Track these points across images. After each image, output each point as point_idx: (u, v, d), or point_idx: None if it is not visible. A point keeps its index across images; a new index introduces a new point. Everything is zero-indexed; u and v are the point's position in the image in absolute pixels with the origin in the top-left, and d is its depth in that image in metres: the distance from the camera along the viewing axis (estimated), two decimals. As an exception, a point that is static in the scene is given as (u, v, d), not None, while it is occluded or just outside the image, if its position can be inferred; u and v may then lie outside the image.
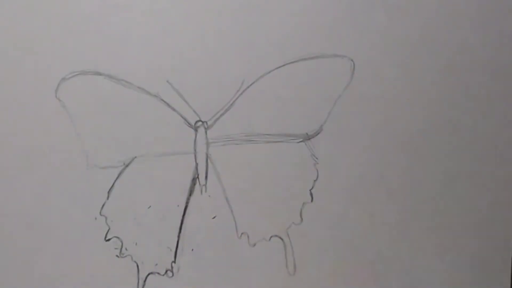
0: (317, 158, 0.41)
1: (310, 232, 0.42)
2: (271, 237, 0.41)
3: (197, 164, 0.40)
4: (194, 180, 0.40)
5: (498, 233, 0.43)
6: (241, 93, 0.39)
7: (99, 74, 0.38)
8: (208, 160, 0.40)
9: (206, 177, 0.40)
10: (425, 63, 0.41)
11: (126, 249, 0.40)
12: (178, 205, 0.40)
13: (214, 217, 0.41)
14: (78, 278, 0.40)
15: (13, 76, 0.37)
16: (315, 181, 0.41)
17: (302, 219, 0.42)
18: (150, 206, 0.40)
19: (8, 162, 0.38)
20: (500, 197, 0.42)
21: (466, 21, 0.40)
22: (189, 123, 0.39)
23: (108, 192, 0.39)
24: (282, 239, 0.42)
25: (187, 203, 0.40)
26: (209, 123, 0.40)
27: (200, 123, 0.40)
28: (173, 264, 0.41)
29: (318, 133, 0.41)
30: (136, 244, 0.40)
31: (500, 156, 0.42)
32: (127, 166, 0.39)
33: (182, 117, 0.39)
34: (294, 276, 0.42)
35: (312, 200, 0.42)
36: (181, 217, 0.40)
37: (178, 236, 0.41)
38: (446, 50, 0.41)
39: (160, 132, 0.39)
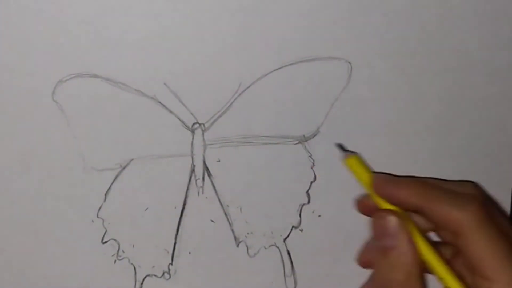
0: (314, 160, 0.41)
1: (307, 233, 0.42)
2: (270, 245, 0.42)
3: (194, 166, 0.40)
4: (191, 182, 0.40)
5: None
6: (239, 95, 0.39)
7: (96, 76, 0.37)
8: (205, 162, 0.40)
9: (203, 179, 0.40)
10: (422, 65, 0.41)
11: (123, 252, 0.40)
12: (175, 207, 0.40)
13: (212, 221, 0.41)
14: (75, 281, 0.40)
15: (9, 79, 0.37)
16: (312, 182, 0.42)
17: (300, 220, 0.42)
18: (147, 208, 0.40)
19: (4, 164, 0.38)
20: (496, 198, 0.42)
21: (463, 23, 0.40)
22: (186, 125, 0.39)
23: (105, 195, 0.39)
24: (278, 248, 0.42)
25: (184, 205, 0.40)
26: (206, 125, 0.40)
27: (197, 125, 0.39)
28: (170, 266, 0.41)
29: (315, 135, 0.41)
30: (133, 246, 0.40)
31: (498, 157, 0.43)
32: (124, 168, 0.39)
33: (179, 119, 0.39)
34: (291, 278, 0.42)
35: (309, 202, 0.42)
36: (178, 219, 0.40)
37: (175, 238, 0.41)
38: (443, 52, 0.41)
39: (157, 134, 0.39)
